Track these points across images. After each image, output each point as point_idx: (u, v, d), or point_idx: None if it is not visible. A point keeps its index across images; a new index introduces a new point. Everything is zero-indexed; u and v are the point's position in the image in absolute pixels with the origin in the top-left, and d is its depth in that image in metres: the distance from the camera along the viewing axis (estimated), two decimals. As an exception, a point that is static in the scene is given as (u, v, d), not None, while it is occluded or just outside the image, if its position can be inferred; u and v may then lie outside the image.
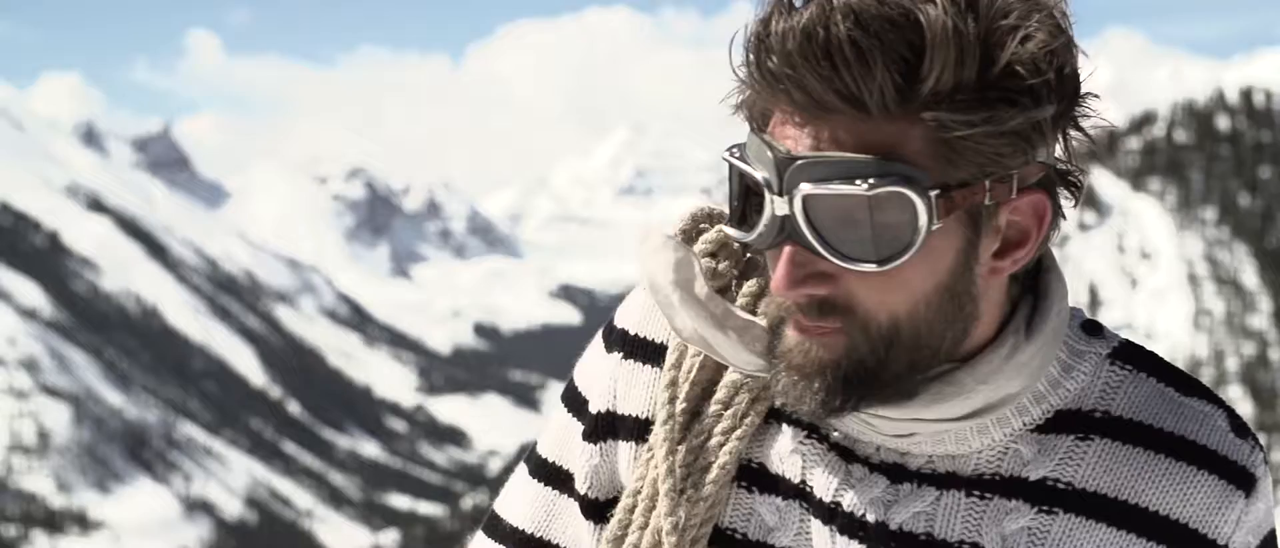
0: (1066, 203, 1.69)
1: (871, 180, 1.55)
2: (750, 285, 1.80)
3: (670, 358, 1.83)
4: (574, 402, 1.95)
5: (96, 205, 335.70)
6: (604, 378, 1.91)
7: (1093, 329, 1.81)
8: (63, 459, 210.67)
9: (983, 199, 1.58)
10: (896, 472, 1.75)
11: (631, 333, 1.91)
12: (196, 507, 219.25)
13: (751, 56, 1.59)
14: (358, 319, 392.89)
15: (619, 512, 1.86)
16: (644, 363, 1.89)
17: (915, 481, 1.75)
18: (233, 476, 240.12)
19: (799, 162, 1.57)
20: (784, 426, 1.80)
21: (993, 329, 1.71)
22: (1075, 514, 1.74)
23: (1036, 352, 1.71)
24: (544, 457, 1.98)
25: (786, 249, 1.61)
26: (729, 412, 1.80)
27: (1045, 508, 1.74)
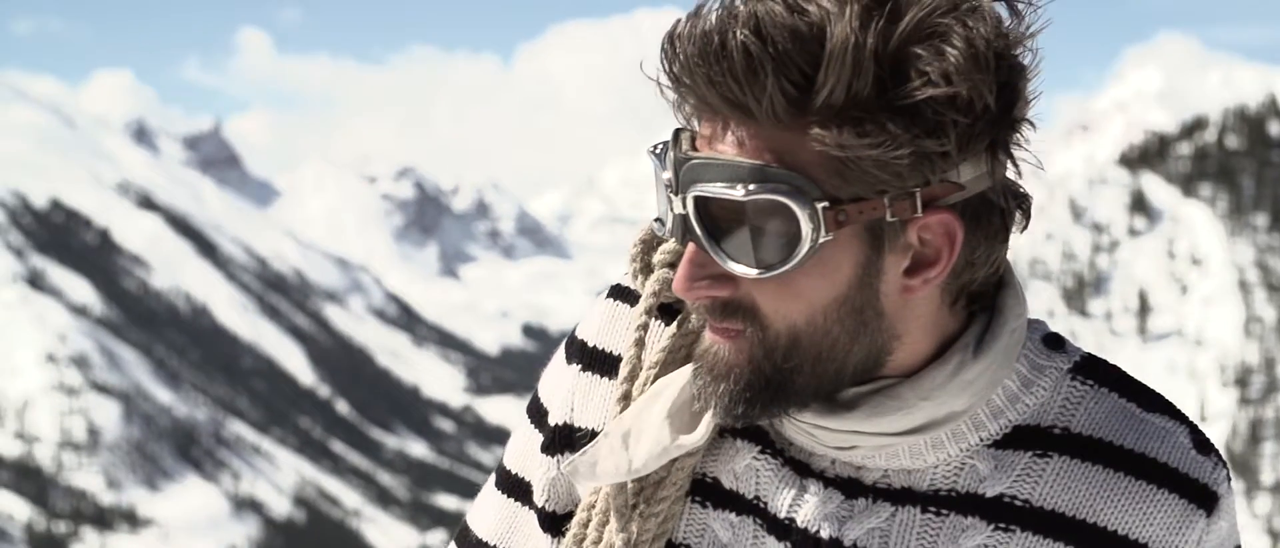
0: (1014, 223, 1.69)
1: (751, 187, 1.55)
2: None
3: (623, 371, 1.83)
4: (536, 413, 1.96)
5: (147, 203, 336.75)
6: (563, 390, 1.92)
7: (1055, 343, 1.78)
8: (112, 456, 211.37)
9: (882, 215, 1.57)
10: (851, 487, 1.74)
11: (590, 345, 1.91)
12: (245, 505, 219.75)
13: (662, 58, 1.60)
14: (406, 319, 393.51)
15: (573, 526, 1.86)
16: (601, 376, 1.89)
17: (870, 496, 1.74)
18: (281, 474, 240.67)
19: (691, 162, 1.60)
20: (738, 440, 1.79)
21: (935, 345, 1.70)
22: (1032, 533, 1.72)
23: (983, 370, 1.69)
24: (508, 468, 1.99)
25: (688, 248, 1.63)
26: None
27: (1002, 526, 1.72)
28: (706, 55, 1.55)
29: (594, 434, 1.86)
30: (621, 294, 1.92)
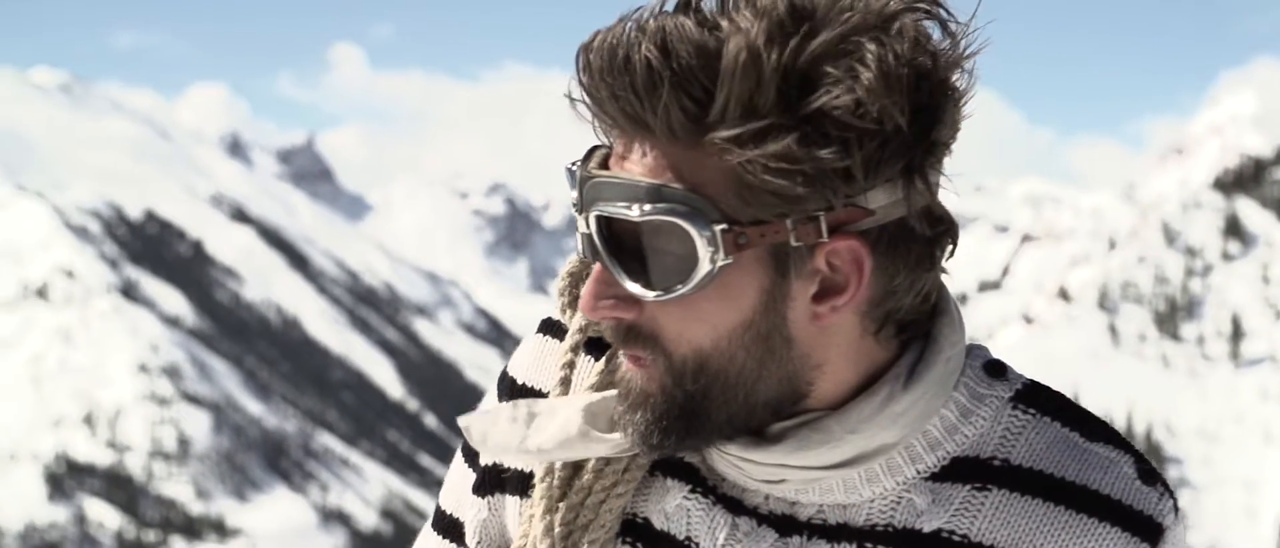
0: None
1: (646, 207, 1.52)
2: None
3: None
4: (468, 452, 1.91)
5: (240, 216, 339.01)
6: None
7: (996, 371, 1.72)
8: (202, 466, 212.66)
9: (786, 239, 1.52)
10: (786, 524, 1.69)
11: (519, 382, 1.87)
12: (332, 517, 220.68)
13: (574, 71, 1.56)
14: (495, 334, 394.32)
15: None
16: None
17: (805, 533, 1.68)
18: (369, 487, 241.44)
19: (593, 181, 1.57)
20: (668, 479, 1.74)
21: (860, 376, 1.64)
22: None
23: (915, 401, 1.63)
24: (443, 508, 1.94)
25: (594, 268, 1.60)
26: (610, 467, 1.74)
27: None
28: (610, 69, 1.51)
29: (523, 475, 1.82)
30: (551, 328, 1.87)
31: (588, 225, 1.57)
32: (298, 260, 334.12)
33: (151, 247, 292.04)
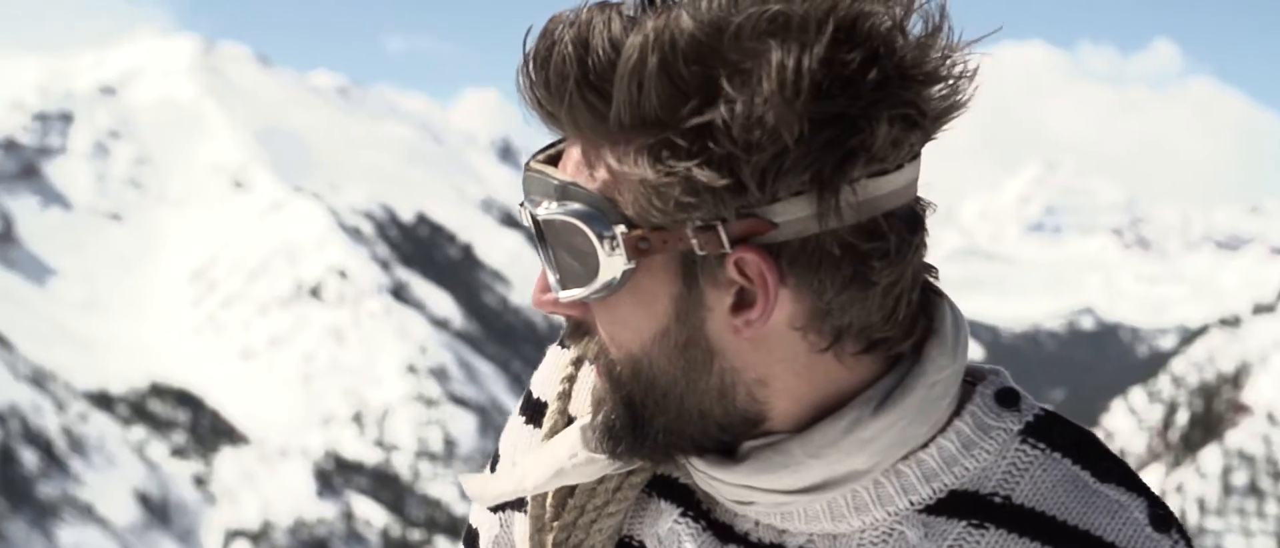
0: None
1: (553, 206, 1.49)
2: None
3: (546, 424, 1.75)
4: (493, 467, 1.89)
5: (509, 220, 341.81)
6: (509, 443, 1.85)
7: (1008, 400, 1.59)
8: (467, 468, 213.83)
9: (688, 247, 1.45)
10: None
11: (534, 396, 1.84)
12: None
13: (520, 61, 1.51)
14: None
15: None
16: (538, 427, 1.80)
17: None
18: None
19: (527, 174, 1.54)
20: (662, 501, 1.68)
21: (822, 395, 1.54)
22: None
23: (886, 427, 1.52)
24: (470, 522, 1.92)
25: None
26: (602, 486, 1.69)
27: None
28: (534, 62, 1.48)
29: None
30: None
31: (525, 218, 1.56)
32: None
33: (422, 249, 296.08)
